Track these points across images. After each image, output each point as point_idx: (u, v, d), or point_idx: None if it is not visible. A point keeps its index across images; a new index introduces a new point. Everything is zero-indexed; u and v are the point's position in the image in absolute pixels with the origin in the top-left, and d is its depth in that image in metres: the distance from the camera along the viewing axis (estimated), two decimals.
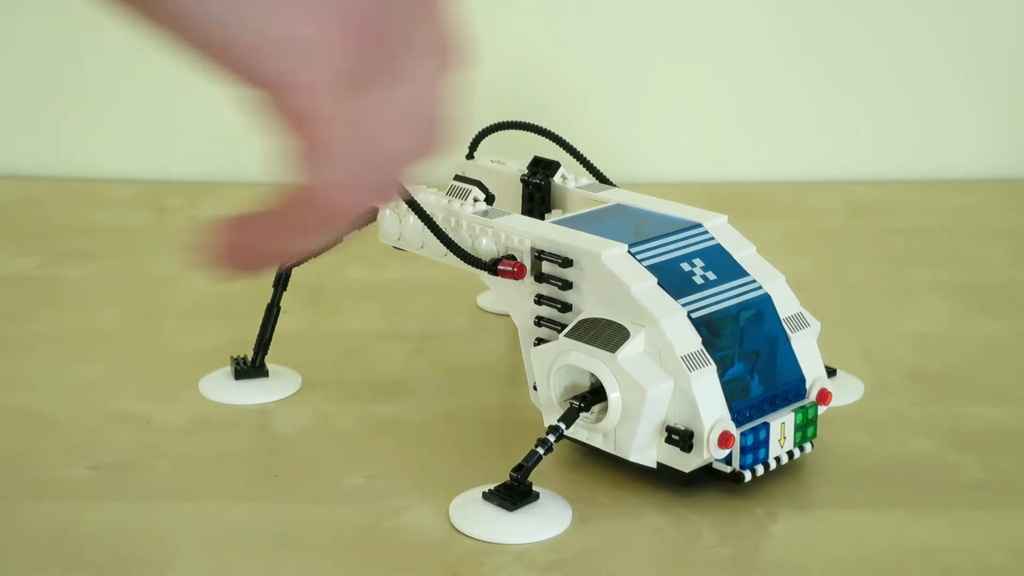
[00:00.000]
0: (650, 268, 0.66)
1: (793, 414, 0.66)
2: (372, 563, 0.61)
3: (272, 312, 0.77)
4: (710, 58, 1.14)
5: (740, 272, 0.68)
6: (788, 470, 0.67)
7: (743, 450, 0.64)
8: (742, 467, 0.64)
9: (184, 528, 0.64)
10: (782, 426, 0.66)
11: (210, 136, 1.14)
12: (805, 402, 0.67)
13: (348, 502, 0.65)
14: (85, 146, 1.15)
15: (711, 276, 0.67)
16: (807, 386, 0.67)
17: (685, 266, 0.67)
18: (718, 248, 0.69)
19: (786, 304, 0.68)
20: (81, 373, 0.79)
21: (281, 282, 0.76)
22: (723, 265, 0.68)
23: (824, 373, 0.68)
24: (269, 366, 0.77)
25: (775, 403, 0.66)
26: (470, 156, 0.81)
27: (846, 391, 0.75)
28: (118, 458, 0.70)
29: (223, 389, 0.76)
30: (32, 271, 0.95)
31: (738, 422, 0.64)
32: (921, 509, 0.65)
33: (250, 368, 0.77)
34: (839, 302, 0.91)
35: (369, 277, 0.93)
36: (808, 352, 0.67)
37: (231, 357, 0.78)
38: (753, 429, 0.65)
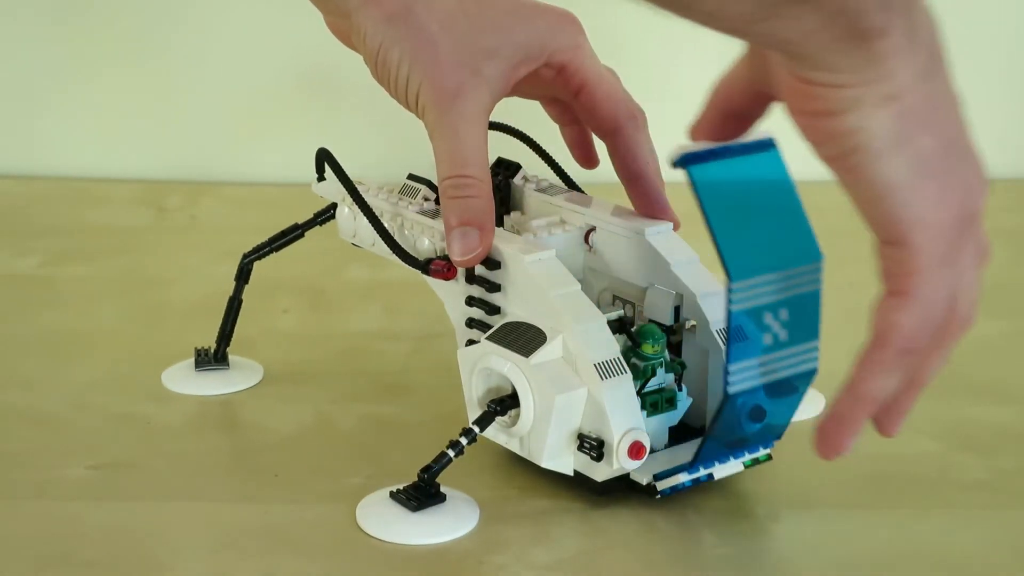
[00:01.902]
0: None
1: (743, 466, 0.65)
2: (372, 563, 0.61)
3: (233, 305, 0.77)
4: (709, 57, 1.14)
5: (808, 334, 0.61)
6: (788, 470, 0.67)
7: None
8: (662, 493, 0.64)
9: (184, 528, 0.64)
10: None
11: (210, 136, 1.14)
12: (760, 453, 0.66)
13: (348, 502, 0.65)
14: (85, 146, 1.15)
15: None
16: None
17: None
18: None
19: (723, 317, 0.67)
20: (81, 373, 0.79)
21: (243, 276, 0.77)
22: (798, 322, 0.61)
23: None
24: (231, 358, 0.79)
25: (735, 451, 0.65)
26: None
27: (806, 406, 0.75)
28: (118, 458, 0.70)
29: (188, 380, 0.77)
30: (32, 271, 0.95)
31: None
32: (921, 509, 0.65)
33: (212, 359, 0.78)
34: (839, 302, 0.91)
35: (369, 277, 0.93)
36: None
37: (195, 348, 0.78)
38: (695, 478, 0.64)
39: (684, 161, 0.56)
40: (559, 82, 0.69)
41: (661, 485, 0.64)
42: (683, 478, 0.64)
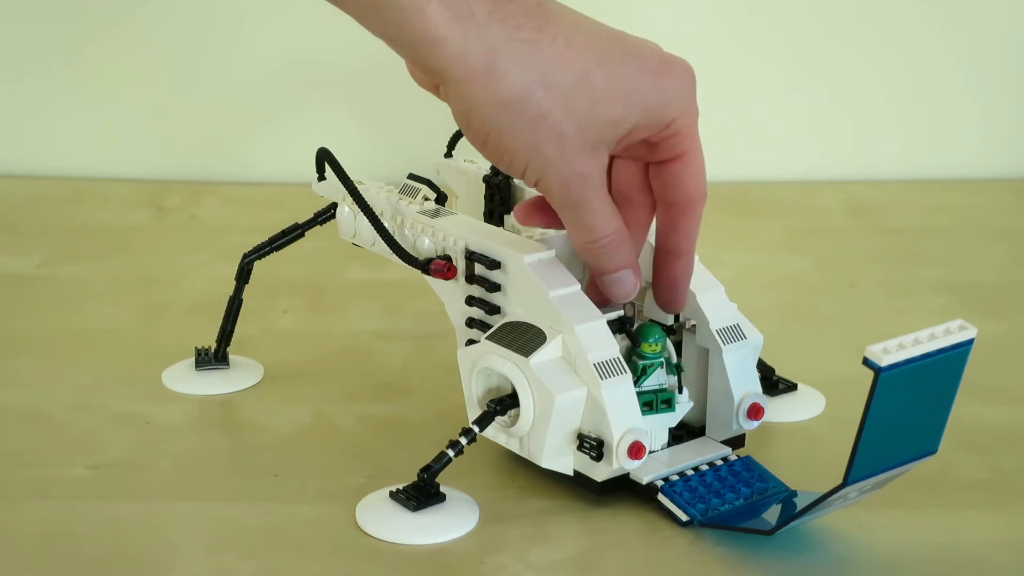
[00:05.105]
0: None
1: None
2: (372, 563, 0.61)
3: (233, 305, 0.77)
4: (709, 57, 1.14)
5: None
6: (788, 470, 0.67)
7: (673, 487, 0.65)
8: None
9: (184, 528, 0.64)
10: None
11: (210, 136, 1.14)
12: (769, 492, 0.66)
13: (348, 502, 0.65)
14: (85, 146, 1.15)
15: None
16: (736, 403, 0.66)
17: None
18: None
19: (722, 316, 0.67)
20: (81, 373, 0.79)
21: (243, 275, 0.77)
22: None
23: (758, 388, 0.67)
24: (231, 357, 0.79)
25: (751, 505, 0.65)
26: (448, 155, 0.81)
27: (806, 406, 0.75)
28: (118, 458, 0.70)
29: (188, 380, 0.77)
30: (32, 270, 0.95)
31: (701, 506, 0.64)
32: (921, 509, 0.65)
33: (212, 359, 0.78)
34: (839, 302, 0.91)
35: (369, 277, 0.93)
36: (741, 367, 0.67)
37: (195, 348, 0.79)
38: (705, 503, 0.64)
39: (881, 368, 0.53)
40: (663, 146, 0.63)
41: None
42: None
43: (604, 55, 0.61)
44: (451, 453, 0.63)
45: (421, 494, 0.64)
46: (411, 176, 0.73)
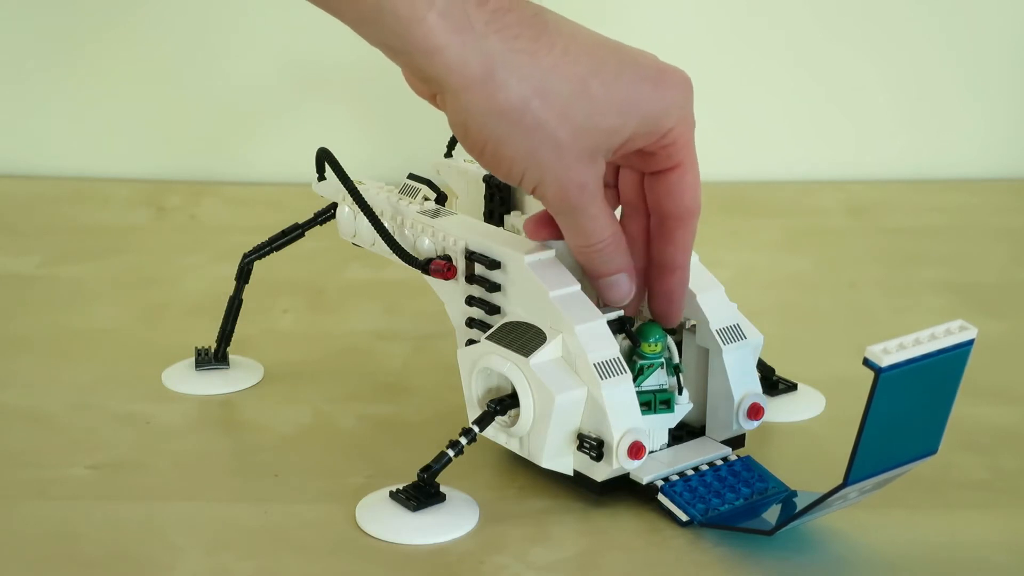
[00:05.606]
0: None
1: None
2: (372, 563, 0.61)
3: (233, 305, 0.77)
4: (709, 58, 1.14)
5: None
6: (788, 470, 0.67)
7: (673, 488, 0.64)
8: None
9: (184, 528, 0.64)
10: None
11: (210, 136, 1.14)
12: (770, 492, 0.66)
13: (348, 502, 0.65)
14: (85, 146, 1.15)
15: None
16: (736, 403, 0.66)
17: None
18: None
19: (722, 316, 0.67)
20: (81, 373, 0.79)
21: (243, 275, 0.77)
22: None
23: (758, 388, 0.67)
24: (231, 357, 0.79)
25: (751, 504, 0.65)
26: (448, 155, 0.81)
27: (806, 406, 0.75)
28: (118, 458, 0.70)
29: (188, 380, 0.77)
30: (32, 270, 0.95)
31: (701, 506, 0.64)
32: (921, 509, 0.65)
33: (212, 359, 0.78)
34: (839, 302, 0.91)
35: (369, 277, 0.93)
36: (741, 367, 0.67)
37: (195, 348, 0.79)
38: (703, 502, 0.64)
39: (881, 369, 0.54)
40: (659, 156, 0.64)
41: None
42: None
43: (602, 64, 0.61)
44: (451, 453, 0.63)
45: (421, 494, 0.64)
46: (411, 176, 0.73)
